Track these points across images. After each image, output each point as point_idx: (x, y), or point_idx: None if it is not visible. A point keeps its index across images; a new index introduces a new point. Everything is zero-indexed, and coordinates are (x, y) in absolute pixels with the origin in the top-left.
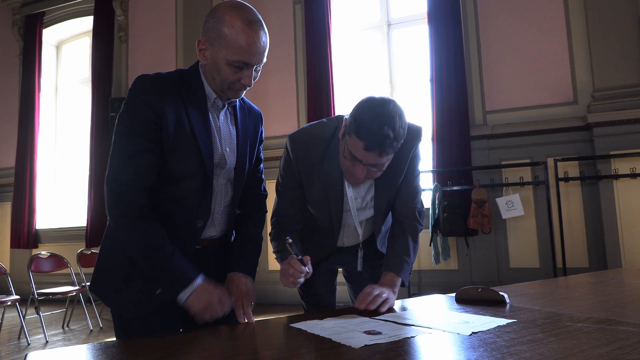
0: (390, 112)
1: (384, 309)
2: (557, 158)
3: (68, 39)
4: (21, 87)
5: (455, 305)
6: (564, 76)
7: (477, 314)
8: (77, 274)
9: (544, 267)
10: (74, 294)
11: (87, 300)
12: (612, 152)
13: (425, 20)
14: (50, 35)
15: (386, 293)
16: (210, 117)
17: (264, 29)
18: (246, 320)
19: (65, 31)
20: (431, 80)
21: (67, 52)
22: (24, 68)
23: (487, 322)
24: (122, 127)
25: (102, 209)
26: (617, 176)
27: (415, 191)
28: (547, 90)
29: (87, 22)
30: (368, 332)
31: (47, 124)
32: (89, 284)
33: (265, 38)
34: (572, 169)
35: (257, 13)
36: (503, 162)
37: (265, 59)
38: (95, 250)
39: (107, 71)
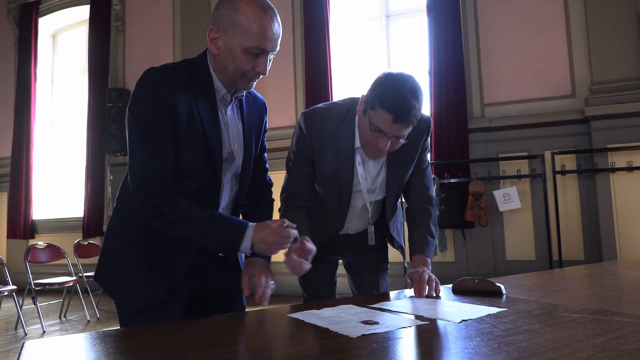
0: (413, 85)
1: (439, 291)
2: (555, 151)
3: (64, 28)
4: (17, 76)
5: (451, 296)
6: (562, 69)
7: (472, 304)
8: (74, 265)
9: (540, 259)
10: (71, 284)
11: (85, 291)
12: (609, 146)
13: (424, 12)
14: (46, 24)
15: (433, 275)
16: (219, 112)
17: (277, 15)
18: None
19: (61, 20)
20: (430, 73)
21: (63, 42)
22: (20, 57)
23: (478, 311)
24: (137, 124)
25: (99, 200)
26: (614, 169)
27: (430, 181)
28: (545, 83)
29: (83, 11)
30: (365, 322)
31: (44, 114)
32: (87, 274)
33: (279, 24)
34: (569, 162)
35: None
36: (500, 155)
37: (278, 47)
38: (92, 241)
39: (104, 61)
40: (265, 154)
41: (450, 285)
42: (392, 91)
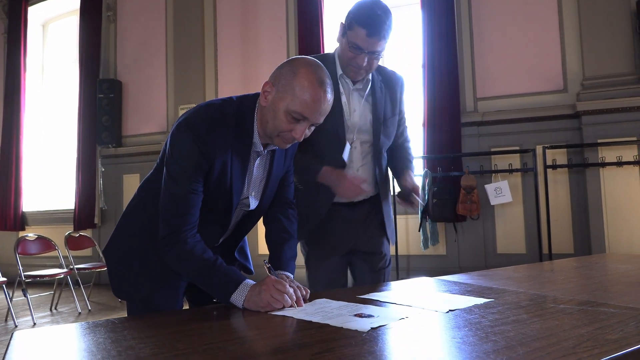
0: (383, 5)
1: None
2: (546, 145)
3: (54, 18)
4: (6, 66)
5: (439, 287)
6: (554, 64)
7: (461, 294)
8: (65, 257)
9: (531, 252)
10: (62, 276)
11: (76, 283)
12: (599, 141)
13: (419, 5)
14: (36, 13)
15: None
16: (249, 163)
17: (332, 91)
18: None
19: (52, 10)
20: (423, 66)
21: (53, 32)
22: (9, 47)
23: (466, 301)
24: (176, 166)
25: (91, 192)
26: (604, 164)
27: (404, 126)
28: (537, 78)
29: (74, 1)
30: (360, 315)
31: (34, 105)
32: (78, 266)
33: (331, 100)
34: (560, 156)
35: (329, 77)
36: (492, 149)
37: (322, 121)
38: (84, 233)
39: (95, 51)
40: (292, 176)
41: (440, 277)
42: (364, 10)
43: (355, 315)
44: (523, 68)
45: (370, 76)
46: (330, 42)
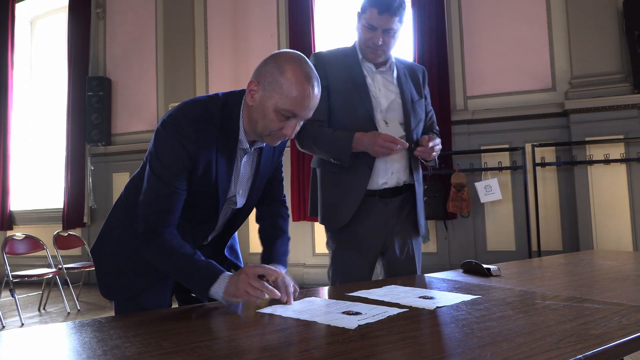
0: None
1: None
2: (535, 144)
3: (43, 15)
4: None
5: (428, 284)
6: (543, 63)
7: (449, 291)
8: (53, 257)
9: (520, 250)
10: (51, 276)
11: (65, 283)
12: (587, 139)
13: (409, 3)
14: (24, 10)
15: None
16: (235, 161)
17: (319, 85)
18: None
19: (40, 6)
20: None
21: (41, 28)
22: None
23: (453, 298)
24: (159, 164)
25: (80, 191)
26: (592, 162)
27: (432, 112)
28: (527, 76)
29: None
30: (347, 313)
31: (22, 102)
32: (67, 266)
33: (319, 94)
34: (548, 154)
35: (315, 70)
36: (482, 147)
37: (311, 115)
38: (73, 232)
39: (84, 49)
40: (282, 174)
41: (429, 274)
42: None
43: (344, 312)
44: (512, 67)
45: (392, 63)
46: (322, 40)
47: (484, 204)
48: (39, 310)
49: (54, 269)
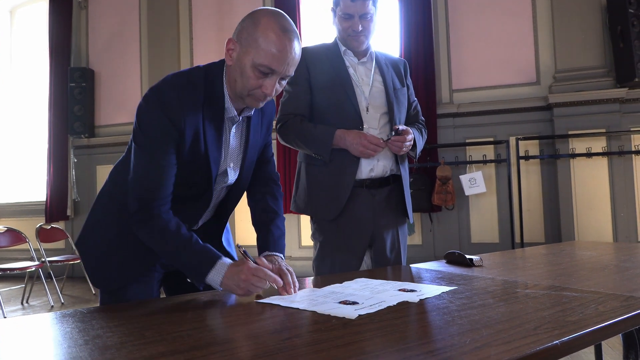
0: None
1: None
2: (519, 137)
3: (23, 4)
4: None
5: (414, 274)
6: (528, 57)
7: (432, 282)
8: (36, 250)
9: (503, 242)
10: (34, 269)
11: (48, 276)
12: (570, 132)
13: None
14: None
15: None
16: (224, 132)
17: (299, 40)
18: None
19: None
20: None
21: (21, 18)
22: None
23: (433, 290)
24: (144, 136)
25: (63, 183)
26: (574, 155)
27: (416, 102)
28: (511, 70)
29: None
30: (344, 302)
31: (2, 93)
32: (50, 259)
33: (299, 50)
34: (532, 147)
35: (294, 26)
36: (467, 140)
37: (292, 73)
38: (56, 225)
39: (66, 39)
40: (271, 149)
41: (414, 264)
42: None
43: (341, 302)
44: (497, 60)
45: (372, 53)
46: (308, 31)
47: (469, 197)
48: (22, 303)
49: (37, 262)
